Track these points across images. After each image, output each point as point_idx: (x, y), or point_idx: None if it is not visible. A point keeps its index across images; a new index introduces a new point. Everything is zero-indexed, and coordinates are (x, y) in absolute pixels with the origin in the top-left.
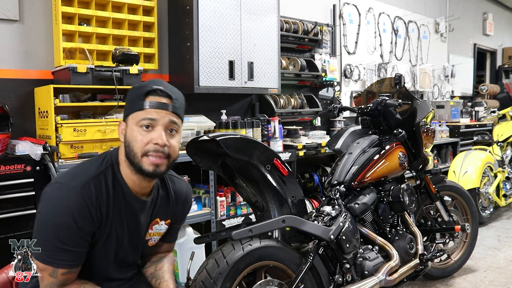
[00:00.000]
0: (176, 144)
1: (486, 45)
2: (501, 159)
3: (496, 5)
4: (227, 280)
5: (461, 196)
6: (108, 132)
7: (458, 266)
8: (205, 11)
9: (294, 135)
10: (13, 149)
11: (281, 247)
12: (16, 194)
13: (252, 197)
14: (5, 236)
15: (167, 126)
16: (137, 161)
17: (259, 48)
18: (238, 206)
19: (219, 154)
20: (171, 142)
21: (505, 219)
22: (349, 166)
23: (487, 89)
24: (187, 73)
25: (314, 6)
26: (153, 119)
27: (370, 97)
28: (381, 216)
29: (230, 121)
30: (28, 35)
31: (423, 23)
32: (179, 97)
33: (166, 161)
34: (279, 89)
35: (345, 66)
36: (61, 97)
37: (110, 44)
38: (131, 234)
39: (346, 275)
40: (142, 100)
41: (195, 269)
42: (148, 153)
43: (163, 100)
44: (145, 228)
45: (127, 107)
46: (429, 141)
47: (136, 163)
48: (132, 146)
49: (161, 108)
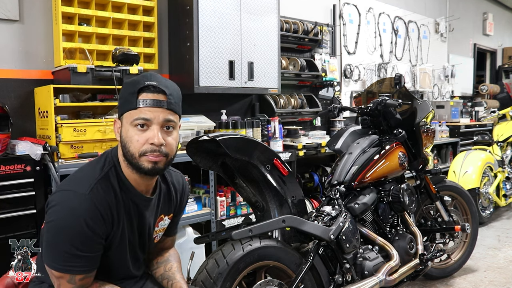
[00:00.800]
0: (173, 141)
1: (486, 45)
2: (501, 159)
3: (496, 5)
4: (227, 280)
5: (461, 196)
6: (108, 132)
7: (458, 266)
8: (205, 11)
9: (294, 135)
10: (13, 149)
11: (281, 247)
12: (16, 194)
13: (252, 197)
14: (5, 236)
15: (162, 124)
16: (135, 161)
17: (259, 48)
18: (238, 206)
19: (219, 154)
20: (167, 140)
21: (505, 219)
22: (349, 166)
23: (487, 89)
24: (187, 73)
25: (314, 6)
26: (147, 119)
27: (370, 97)
28: (381, 216)
29: (230, 121)
30: (28, 35)
31: (423, 23)
32: (174, 91)
33: (165, 159)
34: (279, 89)
35: (345, 66)
36: (61, 97)
37: (110, 44)
38: (140, 232)
39: (346, 275)
40: (134, 98)
41: (195, 269)
42: (146, 153)
43: (157, 97)
44: (153, 226)
45: (121, 105)
46: (429, 141)
47: (134, 163)
48: (129, 147)
49: (155, 106)
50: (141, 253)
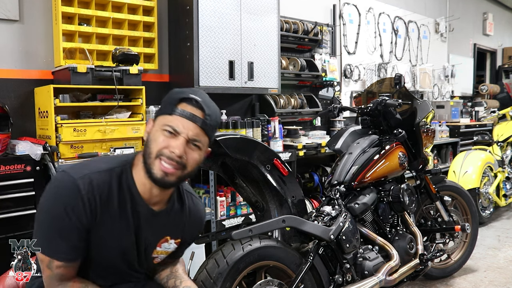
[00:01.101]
0: (195, 158)
1: (486, 45)
2: (501, 159)
3: (496, 5)
4: (227, 280)
5: (461, 196)
6: (108, 132)
7: (458, 266)
8: (205, 11)
9: (294, 135)
10: (13, 149)
11: (281, 247)
12: (16, 194)
13: (252, 197)
14: (5, 236)
15: (189, 140)
16: (150, 162)
17: (259, 48)
18: (238, 206)
19: (219, 154)
20: (190, 155)
21: (505, 219)
22: (349, 166)
23: (487, 89)
24: (187, 73)
25: (314, 6)
26: (176, 131)
27: (370, 97)
28: (381, 216)
29: (230, 121)
30: (28, 35)
31: (423, 23)
32: (213, 113)
33: (179, 172)
34: (279, 89)
35: (345, 66)
36: (61, 97)
37: (110, 44)
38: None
39: (346, 275)
40: (174, 105)
41: (195, 269)
42: (162, 156)
43: (194, 112)
44: (153, 244)
45: (161, 107)
46: (429, 141)
47: (148, 163)
48: (150, 145)
49: (189, 119)
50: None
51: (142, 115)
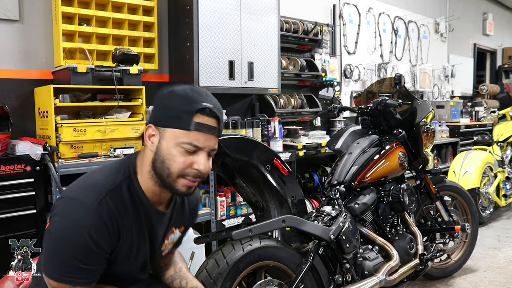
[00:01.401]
0: (211, 165)
1: (486, 45)
2: (501, 159)
3: (496, 5)
4: (227, 280)
5: (461, 196)
6: (108, 132)
7: (458, 266)
8: (205, 11)
9: (294, 135)
10: (13, 149)
11: (281, 247)
12: (16, 194)
13: (252, 197)
14: (5, 236)
15: (210, 153)
16: (170, 180)
17: (259, 48)
18: (238, 206)
19: (219, 154)
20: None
21: (505, 219)
22: (349, 166)
23: (487, 89)
24: (187, 73)
25: (314, 6)
26: (198, 146)
27: (370, 97)
28: (381, 216)
29: (230, 121)
30: (28, 35)
31: (423, 23)
32: (222, 115)
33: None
34: (279, 89)
35: (345, 66)
36: (61, 97)
37: (110, 44)
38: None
39: (346, 275)
40: (189, 118)
41: (195, 269)
42: (186, 176)
43: (212, 123)
44: (162, 239)
45: (167, 117)
46: (429, 141)
47: (168, 181)
48: (169, 165)
49: (208, 133)
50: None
51: (142, 115)
